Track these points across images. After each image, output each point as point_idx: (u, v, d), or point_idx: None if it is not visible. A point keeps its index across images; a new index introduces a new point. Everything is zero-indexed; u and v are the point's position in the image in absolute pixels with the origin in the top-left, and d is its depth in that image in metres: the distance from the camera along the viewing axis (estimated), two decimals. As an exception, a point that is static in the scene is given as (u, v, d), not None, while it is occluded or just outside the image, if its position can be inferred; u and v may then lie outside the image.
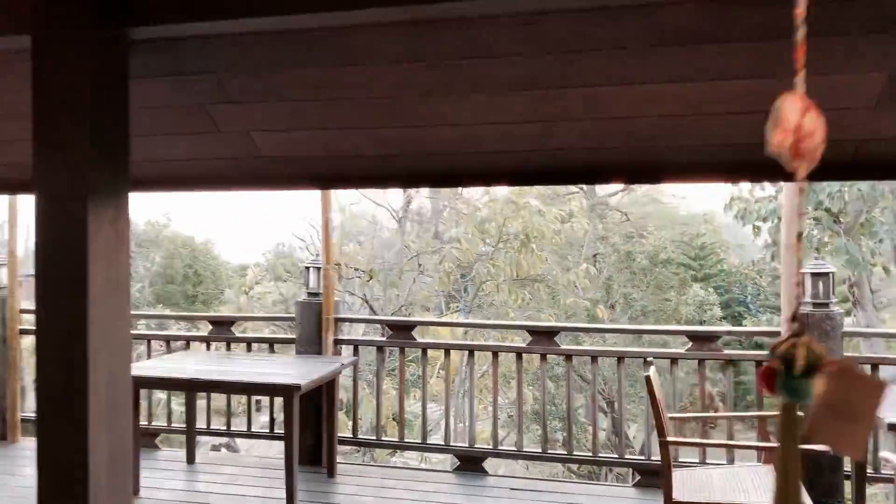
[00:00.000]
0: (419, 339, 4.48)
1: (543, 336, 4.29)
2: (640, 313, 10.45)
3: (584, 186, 20.12)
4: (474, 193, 7.44)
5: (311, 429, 4.51)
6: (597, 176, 2.92)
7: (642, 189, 26.28)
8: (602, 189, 20.90)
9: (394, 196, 7.28)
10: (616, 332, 4.36)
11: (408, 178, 3.25)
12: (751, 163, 2.23)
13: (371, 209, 7.56)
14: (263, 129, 3.11)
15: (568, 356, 4.34)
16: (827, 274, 4.05)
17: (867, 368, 4.05)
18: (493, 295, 6.36)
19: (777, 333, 4.17)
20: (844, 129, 2.26)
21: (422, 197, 7.37)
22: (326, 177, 3.21)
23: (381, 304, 6.67)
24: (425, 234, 6.32)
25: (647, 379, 3.19)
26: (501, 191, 6.46)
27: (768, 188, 9.92)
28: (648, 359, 3.48)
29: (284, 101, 2.90)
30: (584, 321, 9.05)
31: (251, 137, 3.04)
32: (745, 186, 9.96)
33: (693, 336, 4.20)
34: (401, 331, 4.52)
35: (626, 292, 10.40)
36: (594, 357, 4.31)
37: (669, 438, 3.10)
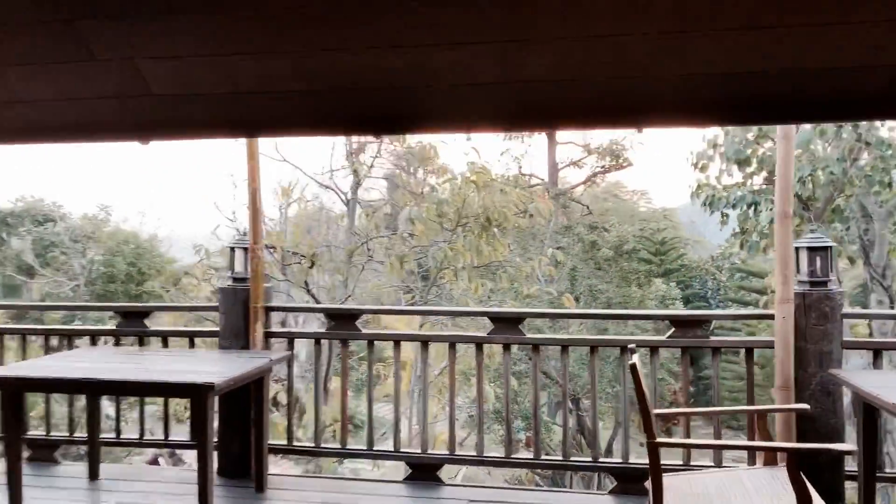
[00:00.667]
0: (364, 330, 3.87)
1: (507, 324, 3.73)
2: (605, 305, 10.04)
3: (546, 177, 19.76)
4: (432, 173, 6.87)
5: (238, 436, 3.86)
6: (575, 117, 2.33)
7: (602, 185, 26.18)
8: (564, 180, 20.58)
9: (342, 178, 6.65)
10: (590, 317, 3.81)
11: (343, 123, 2.63)
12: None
13: (315, 191, 6.95)
14: (152, 56, 2.42)
15: (535, 346, 3.79)
16: (826, 248, 3.59)
17: (870, 354, 3.61)
18: (452, 284, 5.80)
19: (770, 317, 3.69)
20: (879, 51, 1.73)
21: (374, 178, 6.77)
22: (238, 121, 2.58)
23: (334, 295, 6.02)
24: (376, 217, 5.73)
25: (633, 368, 2.65)
26: (460, 167, 5.94)
27: (736, 174, 9.64)
28: (631, 346, 2.94)
29: (176, 14, 2.23)
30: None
31: (137, 68, 2.37)
32: (712, 173, 9.66)
33: (677, 321, 3.69)
34: (343, 321, 3.89)
35: (591, 284, 9.97)
36: (565, 347, 3.77)
37: (660, 440, 2.56)
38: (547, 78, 2.24)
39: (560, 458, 3.75)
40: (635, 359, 2.84)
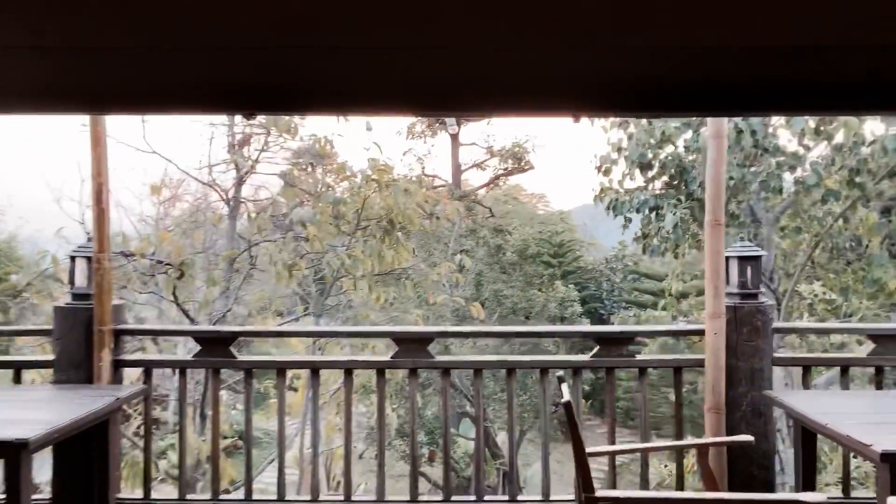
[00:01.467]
0: (241, 357, 3.20)
1: (414, 345, 3.20)
2: (510, 311, 9.76)
3: (450, 179, 19.45)
4: (331, 171, 6.21)
5: (78, 494, 3.07)
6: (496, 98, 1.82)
7: (503, 188, 26.33)
8: (467, 182, 20.37)
9: (221, 173, 5.81)
10: (508, 336, 3.34)
11: (195, 97, 1.99)
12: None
13: (197, 189, 6.07)
14: None
15: (445, 370, 3.28)
16: (756, 258, 3.33)
17: (800, 371, 3.40)
18: (351, 294, 5.20)
19: (700, 332, 3.39)
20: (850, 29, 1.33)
21: (264, 174, 6.00)
22: (46, 92, 1.89)
23: (211, 311, 5.21)
24: (261, 219, 5.01)
25: (567, 408, 2.19)
26: (360, 164, 5.34)
27: (638, 178, 9.66)
28: (559, 373, 2.49)
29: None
30: (453, 322, 8.12)
31: None
32: (615, 177, 9.62)
33: (602, 339, 3.30)
34: (215, 345, 3.20)
35: (496, 289, 9.65)
36: (478, 370, 3.29)
37: (601, 494, 2.11)
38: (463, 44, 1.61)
39: (473, 498, 3.26)
40: (566, 392, 2.39)
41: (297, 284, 4.53)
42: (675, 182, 8.92)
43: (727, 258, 3.32)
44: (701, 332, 3.35)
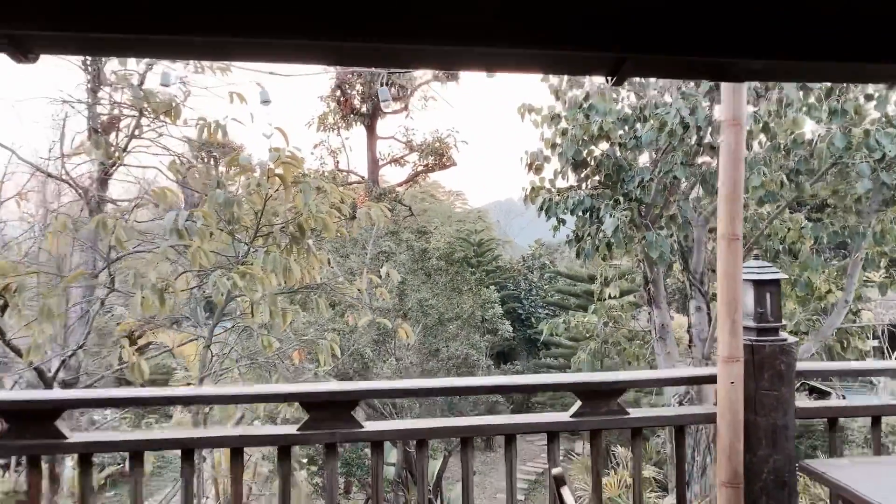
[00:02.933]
0: (73, 438, 2.14)
1: (331, 410, 2.25)
2: (436, 322, 8.91)
3: (367, 175, 18.35)
4: (228, 165, 5.10)
5: None
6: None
7: (420, 185, 25.51)
8: (384, 178, 19.35)
9: (78, 165, 4.49)
10: (448, 392, 2.44)
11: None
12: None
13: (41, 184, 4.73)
14: None
15: (375, 444, 2.35)
16: (775, 282, 2.61)
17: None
18: (248, 318, 4.14)
19: (709, 379, 2.64)
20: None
21: (130, 165, 4.74)
22: None
23: (47, 350, 3.95)
24: (124, 226, 3.86)
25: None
26: (260, 154, 4.29)
27: (571, 177, 9.05)
28: (556, 471, 1.63)
29: None
30: (375, 347, 7.17)
31: None
32: (546, 175, 8.97)
33: (585, 391, 2.49)
34: (28, 422, 2.12)
35: (421, 298, 8.76)
36: (422, 442, 2.39)
37: None
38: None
39: None
40: (568, 499, 1.54)
41: (170, 309, 3.46)
42: (612, 181, 8.38)
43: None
44: (711, 380, 2.59)
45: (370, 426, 2.35)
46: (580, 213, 8.41)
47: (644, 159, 9.00)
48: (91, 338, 4.35)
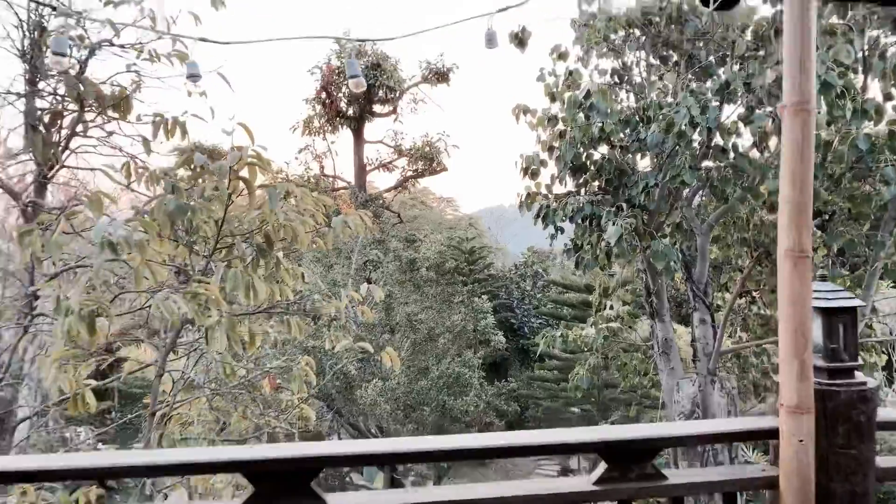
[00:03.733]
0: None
1: (280, 482, 1.71)
2: (426, 337, 8.33)
3: (353, 181, 17.77)
4: (159, 149, 4.55)
5: None
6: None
7: (410, 191, 24.96)
8: (372, 185, 18.77)
9: (12, 164, 3.85)
10: (439, 457, 1.91)
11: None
12: None
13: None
14: None
15: (343, 525, 1.79)
16: (850, 311, 2.07)
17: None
18: (202, 345, 3.57)
19: (770, 433, 2.09)
20: None
21: (71, 168, 4.06)
22: None
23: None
24: (43, 240, 3.24)
25: None
26: (211, 138, 3.73)
27: (569, 182, 8.54)
28: None
29: None
30: (355, 373, 6.60)
31: None
32: (542, 180, 8.46)
33: (613, 452, 1.95)
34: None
35: (409, 312, 8.18)
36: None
37: None
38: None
39: None
40: None
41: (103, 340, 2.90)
42: (613, 187, 7.87)
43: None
44: (771, 434, 2.05)
45: (336, 501, 1.80)
46: (579, 221, 7.90)
47: (644, 164, 8.52)
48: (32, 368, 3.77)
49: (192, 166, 3.57)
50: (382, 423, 7.39)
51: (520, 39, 8.81)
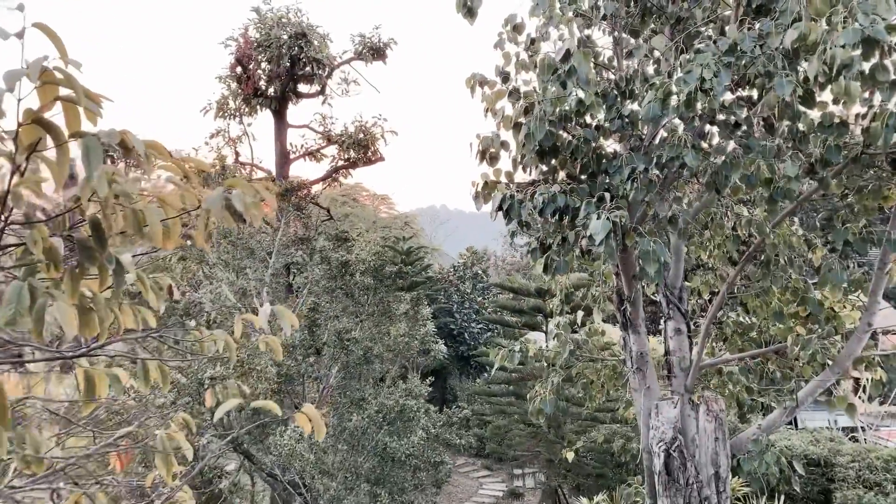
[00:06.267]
0: None
1: None
2: (361, 360, 6.79)
3: (273, 170, 15.88)
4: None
5: None
6: None
7: (341, 184, 23.17)
8: (300, 175, 16.90)
9: None
10: None
11: None
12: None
13: None
14: None
15: None
16: None
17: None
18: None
19: None
20: None
21: None
22: None
23: None
24: None
25: None
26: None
27: (532, 170, 7.25)
28: None
29: None
30: (273, 394, 5.11)
31: None
32: (503, 166, 7.13)
33: None
34: None
35: (340, 328, 6.63)
36: None
37: None
38: None
39: None
40: None
41: None
42: (589, 173, 6.61)
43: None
44: None
45: None
46: (548, 216, 6.59)
47: (614, 147, 7.33)
48: None
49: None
50: (306, 477, 5.88)
51: (468, 8, 7.43)
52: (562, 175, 7.22)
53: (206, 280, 6.66)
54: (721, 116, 5.89)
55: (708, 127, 6.50)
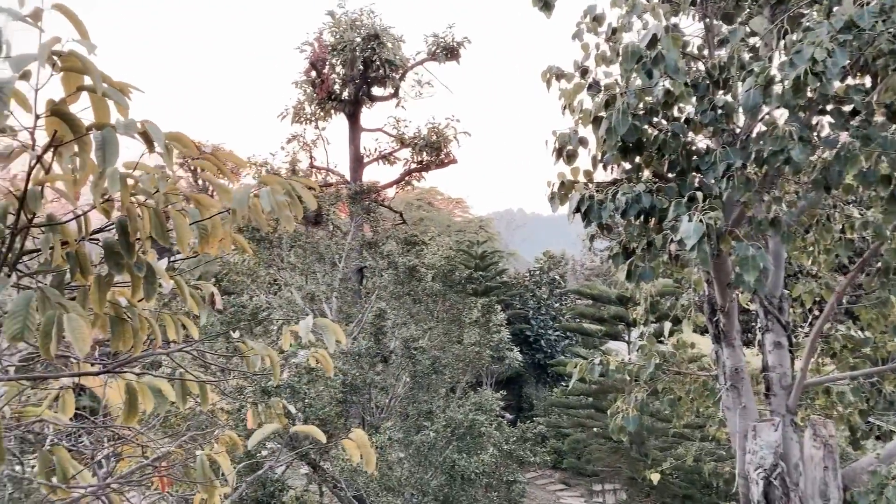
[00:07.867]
0: None
1: None
2: (429, 371, 6.49)
3: (347, 174, 15.94)
4: None
5: None
6: None
7: (415, 191, 23.14)
8: (376, 178, 16.89)
9: None
10: None
11: None
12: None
13: None
14: None
15: None
16: None
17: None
18: None
19: None
20: None
21: None
22: None
23: None
24: None
25: None
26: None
27: (614, 169, 6.76)
28: None
29: None
30: (336, 403, 4.86)
31: None
32: (582, 164, 6.67)
33: None
34: None
35: (407, 336, 6.37)
36: None
37: None
38: None
39: None
40: None
41: None
42: (678, 171, 6.07)
43: None
44: None
45: None
46: (632, 218, 6.09)
47: (706, 143, 6.72)
48: None
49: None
50: (370, 493, 5.66)
51: (545, 1, 7.04)
52: (647, 173, 6.68)
53: (277, 284, 6.63)
54: (829, 106, 5.22)
55: (815, 118, 5.82)
